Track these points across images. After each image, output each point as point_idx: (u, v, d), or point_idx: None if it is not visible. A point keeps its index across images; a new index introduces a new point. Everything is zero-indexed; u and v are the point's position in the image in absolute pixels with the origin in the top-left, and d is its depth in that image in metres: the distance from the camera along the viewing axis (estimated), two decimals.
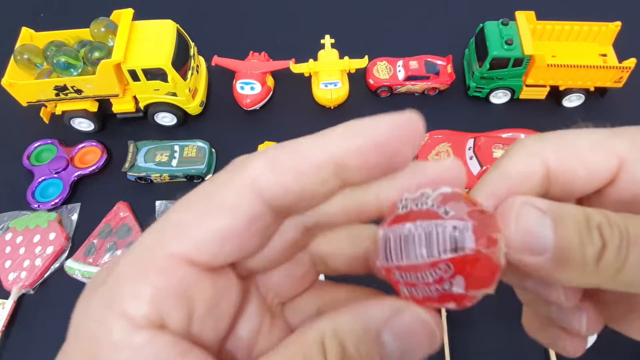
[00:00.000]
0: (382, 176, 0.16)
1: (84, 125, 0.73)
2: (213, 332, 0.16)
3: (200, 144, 0.70)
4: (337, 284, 0.22)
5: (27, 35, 0.70)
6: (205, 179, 0.69)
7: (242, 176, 0.15)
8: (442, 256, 0.15)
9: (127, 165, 0.67)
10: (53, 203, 0.66)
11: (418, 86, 0.76)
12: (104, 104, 0.72)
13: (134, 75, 0.66)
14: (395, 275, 0.16)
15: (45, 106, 0.72)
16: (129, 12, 0.69)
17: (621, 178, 0.18)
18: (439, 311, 0.20)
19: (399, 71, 0.76)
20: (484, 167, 0.63)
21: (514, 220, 0.16)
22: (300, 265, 0.20)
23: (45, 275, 0.62)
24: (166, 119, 0.73)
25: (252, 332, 0.19)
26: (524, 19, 0.71)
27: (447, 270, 0.15)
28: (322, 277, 0.22)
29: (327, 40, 0.77)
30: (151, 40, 0.67)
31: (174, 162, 0.68)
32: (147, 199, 0.67)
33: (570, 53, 0.73)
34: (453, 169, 0.17)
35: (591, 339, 0.53)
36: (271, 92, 0.77)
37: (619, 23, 0.71)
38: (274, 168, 0.15)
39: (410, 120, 0.16)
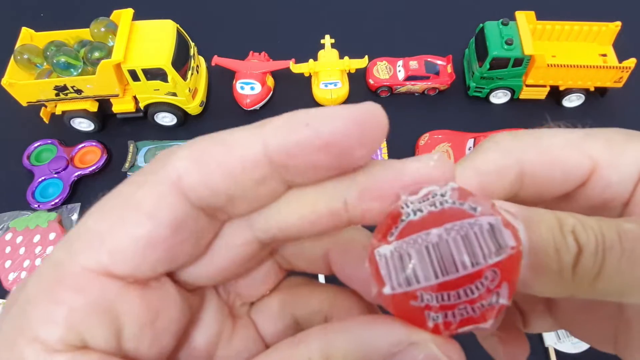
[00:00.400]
0: (333, 176, 0.14)
1: (84, 125, 0.73)
2: (154, 348, 0.14)
3: None
4: (311, 282, 0.20)
5: (27, 35, 0.70)
6: None
7: (163, 175, 0.13)
8: (488, 261, 0.12)
9: (127, 165, 0.67)
10: (53, 203, 0.66)
11: (418, 86, 0.76)
12: (104, 104, 0.72)
13: (134, 75, 0.66)
14: (423, 299, 0.13)
15: (45, 106, 0.72)
16: (129, 12, 0.69)
17: (593, 181, 0.17)
18: None
19: (399, 71, 0.76)
20: None
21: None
22: (262, 266, 0.18)
23: None
24: (166, 119, 0.73)
25: (210, 340, 0.17)
26: (524, 19, 0.70)
27: (495, 278, 0.12)
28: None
29: (327, 40, 0.77)
30: (151, 40, 0.67)
31: None
32: None
33: (570, 53, 0.73)
34: (439, 167, 0.14)
35: None
36: (271, 92, 0.77)
37: (619, 23, 0.71)
38: (199, 165, 0.13)
39: (369, 113, 0.13)
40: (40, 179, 0.68)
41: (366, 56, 0.75)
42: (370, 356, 0.13)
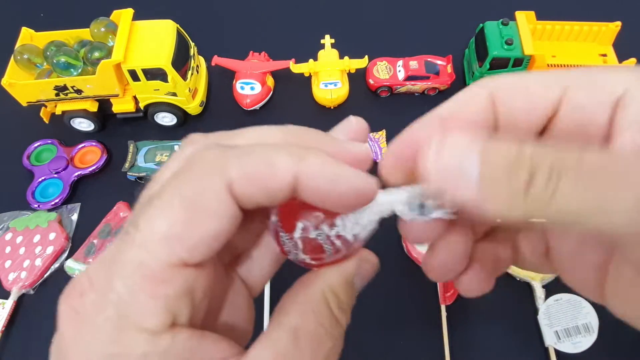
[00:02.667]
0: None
1: (84, 125, 0.73)
2: (210, 314, 0.19)
3: None
4: None
5: (27, 35, 0.70)
6: None
7: (220, 181, 0.16)
8: None
9: (127, 165, 0.67)
10: (53, 203, 0.66)
11: (418, 86, 0.76)
12: (104, 104, 0.72)
13: (134, 75, 0.66)
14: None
15: (45, 106, 0.72)
16: (129, 12, 0.69)
17: (563, 106, 0.18)
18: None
19: (399, 71, 0.76)
20: None
21: (435, 154, 0.16)
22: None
23: (45, 275, 0.62)
24: (166, 119, 0.73)
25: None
26: (524, 19, 0.71)
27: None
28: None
29: (327, 40, 0.77)
30: (151, 40, 0.67)
31: None
32: None
33: (570, 53, 0.73)
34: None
35: (590, 339, 0.53)
36: (271, 92, 0.77)
37: (619, 23, 0.71)
38: (249, 181, 0.16)
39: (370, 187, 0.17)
40: (40, 179, 0.68)
41: (366, 56, 0.75)
42: (348, 278, 0.20)
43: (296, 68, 0.74)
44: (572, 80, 0.18)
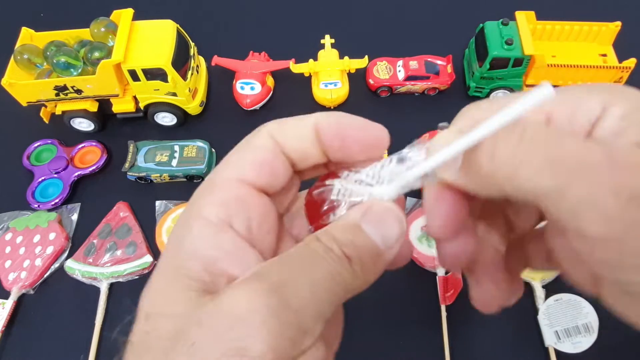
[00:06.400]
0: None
1: (84, 125, 0.73)
2: (265, 242, 0.22)
3: (200, 144, 0.70)
4: None
5: (27, 35, 0.70)
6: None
7: (264, 131, 0.23)
8: None
9: (127, 165, 0.67)
10: (53, 203, 0.66)
11: (418, 86, 0.76)
12: (104, 104, 0.72)
13: (134, 75, 0.66)
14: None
15: (45, 106, 0.72)
16: (129, 12, 0.69)
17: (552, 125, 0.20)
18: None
19: (399, 71, 0.76)
20: None
21: (443, 142, 0.20)
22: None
23: (45, 275, 0.62)
24: (166, 119, 0.73)
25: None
26: (524, 19, 0.71)
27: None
28: None
29: (327, 40, 0.77)
30: (151, 40, 0.67)
31: (174, 162, 0.68)
32: (147, 199, 0.67)
33: (570, 53, 0.73)
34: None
35: (590, 339, 0.53)
36: (271, 92, 0.77)
37: (619, 23, 0.71)
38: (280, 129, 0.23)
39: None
40: (40, 179, 0.68)
41: (366, 56, 0.75)
42: (349, 222, 0.20)
43: (296, 68, 0.74)
44: (556, 105, 0.20)
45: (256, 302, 0.17)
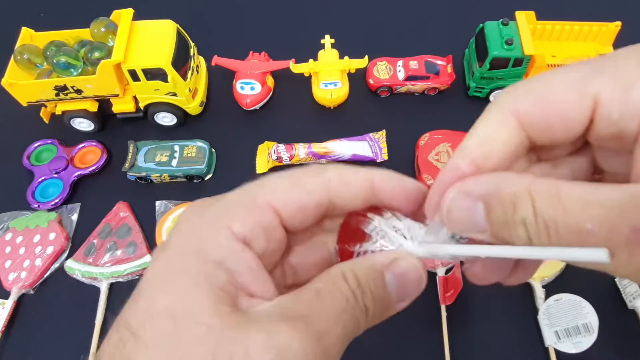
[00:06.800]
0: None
1: (84, 125, 0.73)
2: (271, 265, 0.22)
3: (200, 144, 0.70)
4: None
5: (27, 35, 0.70)
6: (205, 179, 0.69)
7: (322, 176, 0.22)
8: None
9: (127, 165, 0.67)
10: (53, 203, 0.66)
11: (418, 86, 0.76)
12: (104, 104, 0.72)
13: (134, 75, 0.66)
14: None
15: (45, 106, 0.72)
16: (129, 12, 0.69)
17: (596, 120, 0.18)
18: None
19: (399, 71, 0.76)
20: None
21: (447, 212, 0.19)
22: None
23: (45, 275, 0.62)
24: (166, 119, 0.73)
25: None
26: (524, 19, 0.70)
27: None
28: None
29: (327, 40, 0.77)
30: (151, 40, 0.67)
31: (174, 162, 0.68)
32: (147, 199, 0.67)
33: (571, 53, 0.73)
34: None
35: (590, 339, 0.53)
36: (271, 92, 0.77)
37: (619, 23, 0.71)
38: (343, 183, 0.22)
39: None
40: (40, 179, 0.68)
41: (366, 56, 0.75)
42: (376, 267, 0.21)
43: (296, 68, 0.74)
44: (603, 87, 0.17)
45: (308, 350, 0.18)
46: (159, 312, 0.18)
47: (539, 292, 0.57)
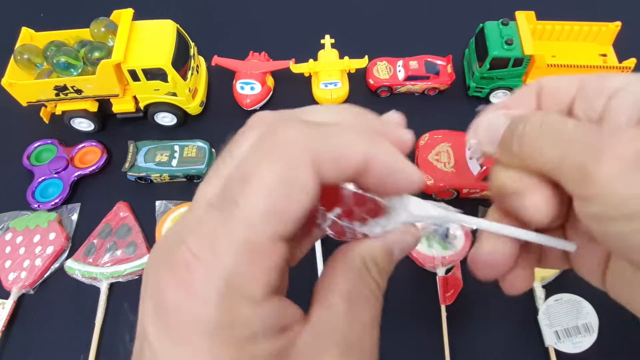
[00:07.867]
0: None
1: (84, 125, 0.73)
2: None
3: (200, 144, 0.70)
4: None
5: (27, 35, 0.70)
6: None
7: (308, 159, 0.18)
8: None
9: (127, 165, 0.67)
10: (53, 203, 0.66)
11: (418, 86, 0.76)
12: (104, 104, 0.72)
13: (134, 75, 0.66)
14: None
15: (45, 106, 0.72)
16: (129, 12, 0.69)
17: (578, 97, 0.23)
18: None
19: (399, 71, 0.76)
20: (484, 167, 0.63)
21: (486, 122, 0.24)
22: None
23: (45, 275, 0.62)
24: (166, 119, 0.73)
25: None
26: (524, 19, 0.70)
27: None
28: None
29: (327, 40, 0.77)
30: (151, 40, 0.67)
31: (174, 162, 0.68)
32: (147, 199, 0.67)
33: (570, 53, 0.73)
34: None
35: (590, 339, 0.53)
36: (271, 92, 0.77)
37: (619, 23, 0.71)
38: (332, 161, 0.19)
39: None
40: (40, 179, 0.68)
41: (366, 56, 0.75)
42: (389, 247, 0.22)
43: (296, 68, 0.74)
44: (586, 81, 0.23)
45: None
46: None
47: (539, 292, 0.57)
